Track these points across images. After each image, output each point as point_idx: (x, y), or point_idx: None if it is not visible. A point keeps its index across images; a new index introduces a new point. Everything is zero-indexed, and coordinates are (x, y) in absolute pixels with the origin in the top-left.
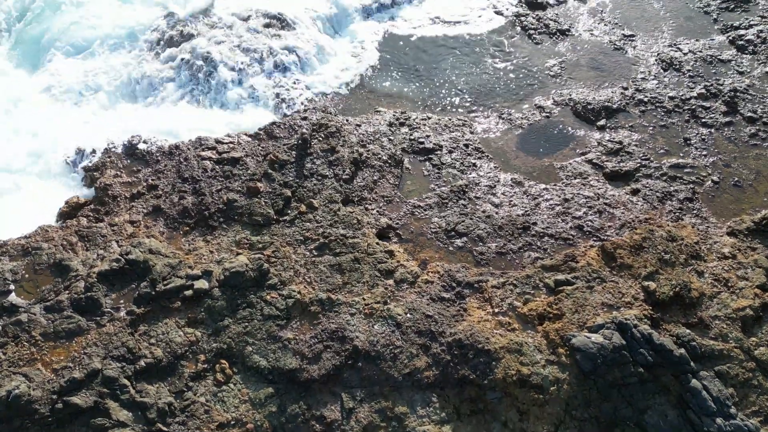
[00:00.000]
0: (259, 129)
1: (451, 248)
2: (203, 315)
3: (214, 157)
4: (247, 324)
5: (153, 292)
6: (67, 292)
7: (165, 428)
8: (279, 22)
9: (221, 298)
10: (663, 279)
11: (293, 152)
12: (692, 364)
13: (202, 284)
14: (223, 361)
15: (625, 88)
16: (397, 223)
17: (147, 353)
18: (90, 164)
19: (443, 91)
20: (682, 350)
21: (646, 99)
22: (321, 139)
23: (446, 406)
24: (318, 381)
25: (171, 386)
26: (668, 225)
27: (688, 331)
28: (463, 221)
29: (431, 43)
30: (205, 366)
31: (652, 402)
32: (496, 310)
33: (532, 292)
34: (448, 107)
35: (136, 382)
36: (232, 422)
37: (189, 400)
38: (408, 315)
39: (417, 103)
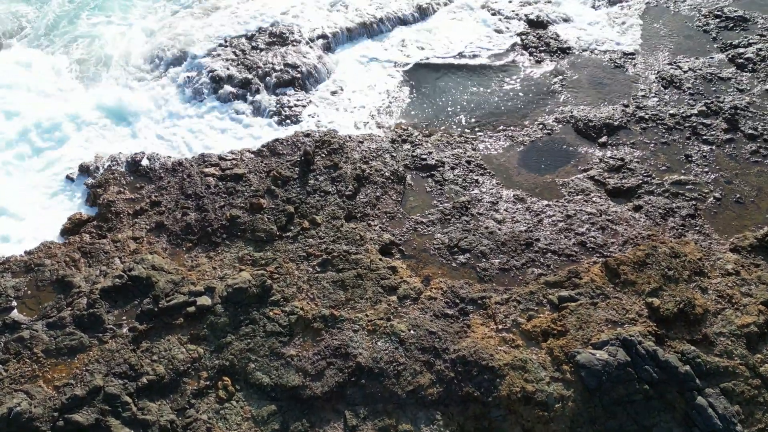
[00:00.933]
0: (263, 146)
1: (454, 264)
2: (206, 331)
3: (217, 173)
4: (249, 341)
5: (155, 309)
6: (70, 308)
7: None
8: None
9: (224, 315)
10: (667, 295)
11: (296, 168)
12: (697, 381)
13: (204, 301)
14: (226, 378)
15: (626, 106)
16: (399, 240)
17: (149, 370)
18: (93, 181)
19: (447, 109)
20: (687, 367)
21: (647, 116)
22: (324, 155)
23: (450, 423)
24: (321, 398)
25: (173, 403)
26: (671, 241)
27: (693, 347)
28: (465, 237)
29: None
30: (208, 383)
31: (658, 419)
32: (500, 327)
33: (536, 308)
34: (452, 125)
35: (138, 400)
36: None
37: (191, 418)
38: (411, 331)
39: (420, 123)
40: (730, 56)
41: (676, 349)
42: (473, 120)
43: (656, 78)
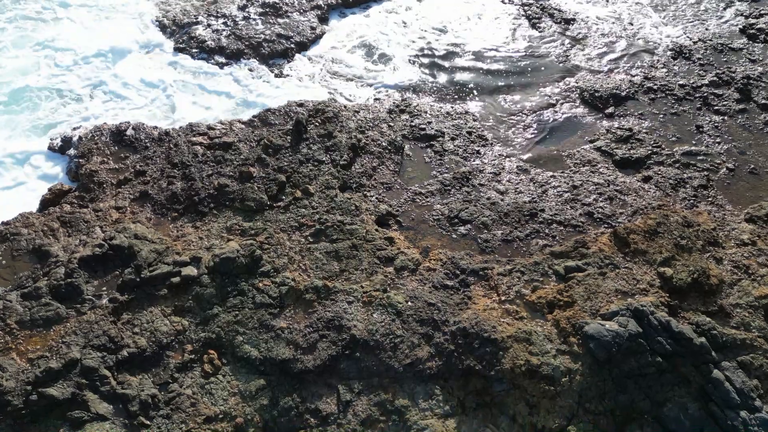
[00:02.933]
0: (254, 116)
1: (454, 236)
2: (191, 303)
3: (205, 142)
4: (237, 312)
5: (138, 279)
6: (46, 278)
7: (147, 422)
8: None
9: (210, 286)
10: (680, 265)
11: (288, 137)
12: (713, 353)
13: (190, 271)
14: (212, 352)
15: (634, 76)
16: (397, 211)
17: (130, 342)
18: (76, 151)
19: (448, 81)
20: (703, 339)
21: (655, 87)
22: (318, 124)
23: (450, 398)
24: (313, 372)
25: (155, 377)
26: (683, 211)
27: (708, 319)
28: (466, 208)
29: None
30: (192, 356)
31: (671, 394)
32: (503, 298)
33: (541, 279)
34: (453, 95)
35: (117, 373)
36: (221, 416)
37: (174, 393)
38: (409, 303)
39: (422, 92)
40: (741, 27)
41: (690, 320)
42: (475, 91)
43: (665, 48)
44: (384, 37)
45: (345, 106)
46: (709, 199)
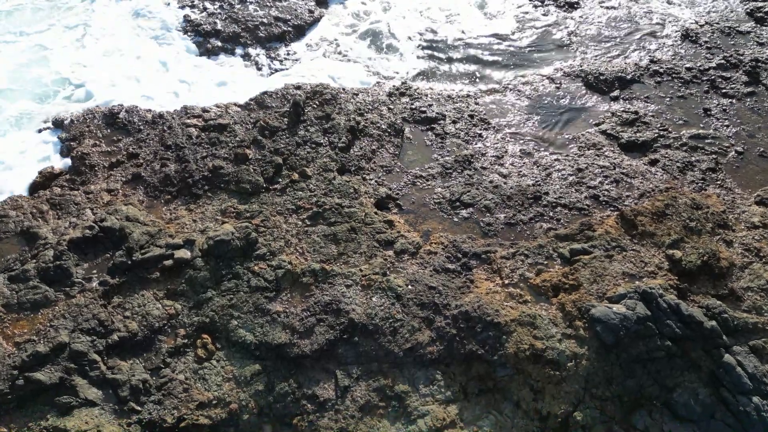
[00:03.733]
0: (250, 99)
1: (455, 219)
2: (184, 287)
3: (199, 124)
4: (232, 296)
5: (129, 262)
6: (34, 261)
7: (138, 407)
8: None
9: (204, 269)
10: (689, 247)
11: (285, 119)
12: (725, 337)
13: (183, 254)
14: (205, 336)
15: (640, 59)
16: (397, 194)
17: (121, 326)
18: (67, 134)
19: (449, 63)
20: (713, 322)
21: (661, 70)
22: (315, 106)
23: (452, 384)
24: (310, 357)
25: (146, 362)
26: (692, 194)
27: (718, 302)
28: (468, 191)
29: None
30: (185, 341)
31: (681, 379)
32: (506, 282)
33: (545, 262)
34: (455, 78)
35: (107, 358)
36: (214, 401)
37: (166, 378)
38: (409, 286)
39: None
40: (748, 10)
41: (700, 303)
42: (477, 74)
43: (671, 32)
44: (385, 21)
45: (343, 89)
46: (718, 182)
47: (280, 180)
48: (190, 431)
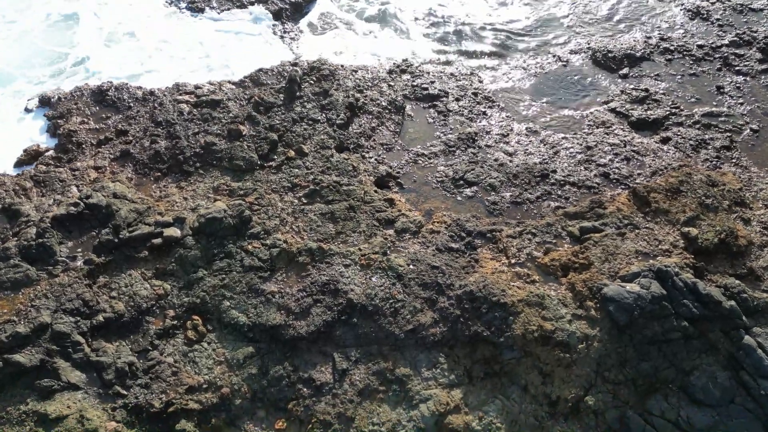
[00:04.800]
0: (245, 77)
1: (459, 198)
2: (174, 266)
3: (191, 100)
4: (224, 276)
5: (116, 240)
6: (16, 238)
7: (124, 391)
8: None
9: (195, 248)
10: (705, 225)
11: (281, 95)
12: (744, 318)
13: (173, 232)
14: (196, 317)
15: (649, 37)
16: (398, 172)
17: (106, 307)
18: (54, 112)
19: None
20: (732, 302)
21: (672, 48)
22: (313, 82)
23: (456, 367)
24: (306, 339)
25: (133, 345)
26: (707, 171)
27: (737, 281)
28: (472, 170)
29: None
30: (175, 322)
31: (699, 362)
32: (513, 261)
33: (554, 241)
34: (458, 55)
35: (92, 339)
36: (205, 386)
37: (154, 360)
38: (411, 266)
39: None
40: None
41: (717, 283)
42: (481, 53)
43: (681, 9)
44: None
45: (342, 65)
46: (733, 160)
47: (276, 157)
48: (179, 416)
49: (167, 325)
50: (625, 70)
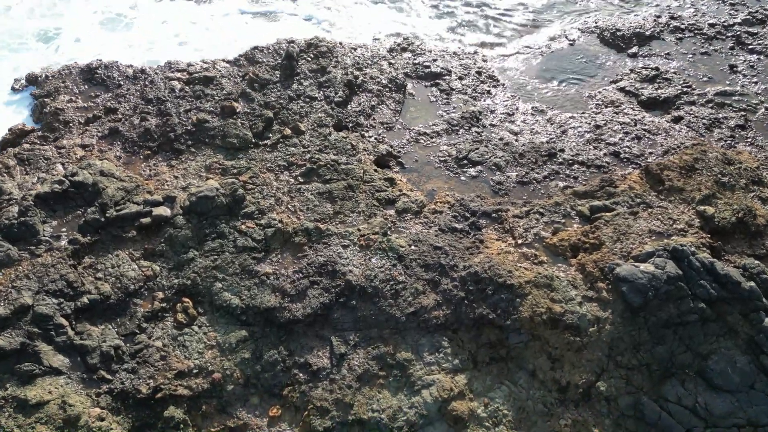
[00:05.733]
0: (239, 55)
1: (462, 178)
2: (163, 246)
3: (183, 77)
4: (216, 257)
5: (102, 219)
6: None
7: (109, 376)
8: None
9: (186, 228)
10: (722, 203)
11: (277, 72)
12: (764, 300)
13: (162, 211)
14: (186, 300)
15: (659, 16)
16: (398, 152)
17: (92, 288)
18: (42, 91)
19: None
20: (752, 283)
21: (683, 26)
22: (310, 59)
23: (460, 351)
24: (302, 322)
25: (120, 328)
26: (722, 149)
27: (756, 262)
28: (476, 149)
29: None
30: (164, 305)
31: (716, 345)
32: (520, 242)
33: (563, 221)
34: (462, 34)
35: (75, 322)
36: (195, 370)
37: (141, 344)
38: (412, 247)
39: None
40: None
41: (736, 263)
42: (485, 31)
43: None
44: None
45: (341, 43)
46: (749, 139)
47: (271, 135)
48: (168, 402)
49: (156, 307)
50: (634, 49)
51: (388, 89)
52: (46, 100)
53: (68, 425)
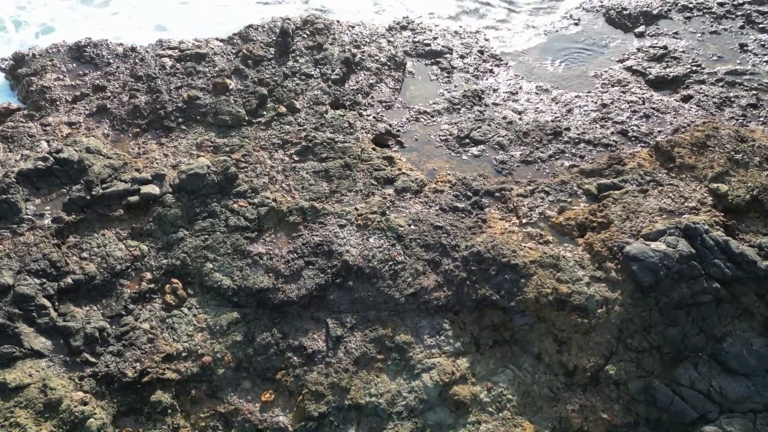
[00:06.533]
0: (234, 33)
1: (464, 157)
2: (151, 226)
3: (175, 54)
4: (207, 237)
5: (88, 197)
6: None
7: (93, 359)
8: None
9: (175, 206)
10: (736, 181)
11: (272, 48)
12: None
13: (151, 189)
14: (175, 281)
15: None
16: (398, 130)
17: (76, 269)
18: (28, 70)
19: None
20: None
21: (691, 5)
22: (306, 36)
23: (462, 334)
24: (297, 304)
25: (105, 309)
26: (734, 127)
27: None
28: (479, 127)
29: None
30: (152, 286)
31: (731, 328)
32: (524, 221)
33: (569, 200)
34: (461, 13)
35: (59, 303)
36: (184, 354)
37: (128, 326)
38: (412, 226)
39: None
40: None
41: (751, 242)
42: (487, 7)
43: None
44: None
45: (338, 21)
46: (761, 119)
47: (265, 113)
48: (155, 387)
49: (143, 288)
50: (641, 29)
51: (387, 67)
52: (32, 78)
53: (49, 409)
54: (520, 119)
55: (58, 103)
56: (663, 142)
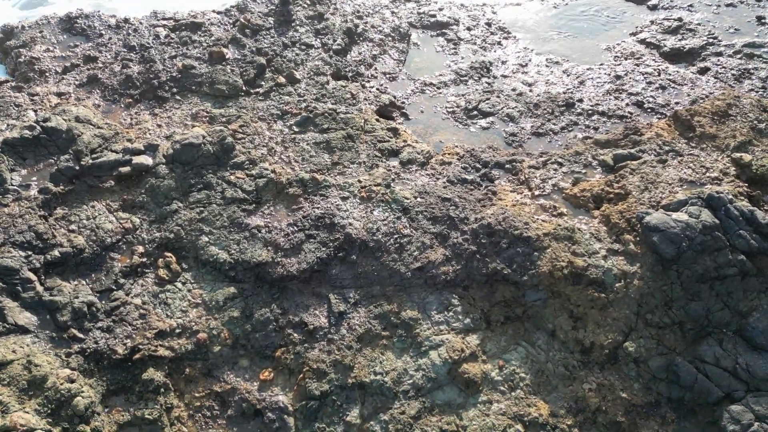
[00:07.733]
0: (231, 6)
1: (472, 129)
2: (144, 197)
3: (169, 24)
4: (202, 209)
5: (77, 168)
6: None
7: (81, 335)
8: None
9: (169, 177)
10: (760, 151)
11: (270, 18)
12: None
13: (144, 160)
14: (169, 255)
15: None
16: (402, 102)
17: (64, 241)
18: (17, 41)
19: None
20: None
21: None
22: (306, 5)
23: (471, 310)
24: (297, 278)
25: (95, 284)
26: (756, 97)
27: None
28: (487, 99)
29: None
30: (144, 260)
31: (757, 302)
32: (537, 193)
33: (584, 171)
34: None
35: (45, 277)
36: (178, 330)
37: (118, 301)
38: (418, 199)
39: None
40: None
41: None
42: None
43: None
44: None
45: None
46: None
47: (263, 83)
48: (147, 364)
49: (135, 262)
50: (654, 1)
51: (390, 38)
52: (21, 50)
53: (33, 387)
54: (530, 91)
55: (47, 74)
56: (682, 111)
